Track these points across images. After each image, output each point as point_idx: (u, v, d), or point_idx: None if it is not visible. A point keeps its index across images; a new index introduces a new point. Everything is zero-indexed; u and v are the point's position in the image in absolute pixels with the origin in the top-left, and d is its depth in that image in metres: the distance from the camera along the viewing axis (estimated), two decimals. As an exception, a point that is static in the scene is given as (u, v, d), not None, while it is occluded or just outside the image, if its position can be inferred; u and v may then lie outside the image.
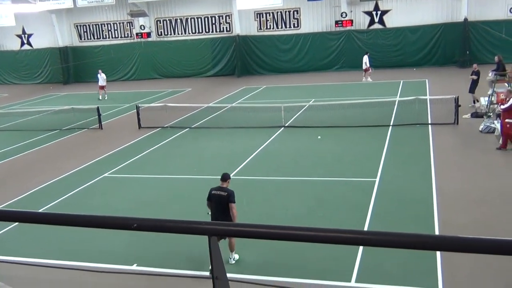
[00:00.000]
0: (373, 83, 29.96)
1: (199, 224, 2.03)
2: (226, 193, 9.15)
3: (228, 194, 9.14)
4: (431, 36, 34.53)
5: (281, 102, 22.11)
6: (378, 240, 1.86)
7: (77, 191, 14.39)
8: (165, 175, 15.28)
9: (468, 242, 1.76)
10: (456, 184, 12.75)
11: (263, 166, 15.51)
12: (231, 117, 22.21)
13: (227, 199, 9.08)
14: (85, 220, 2.29)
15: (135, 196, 13.63)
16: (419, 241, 1.82)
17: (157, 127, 21.79)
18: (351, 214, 11.35)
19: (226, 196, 9.11)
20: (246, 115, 21.92)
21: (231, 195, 9.12)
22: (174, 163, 16.51)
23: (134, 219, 2.11)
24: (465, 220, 10.64)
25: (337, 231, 1.88)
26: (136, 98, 30.06)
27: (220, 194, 9.20)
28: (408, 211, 11.28)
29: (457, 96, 18.75)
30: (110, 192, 14.19)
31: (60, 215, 2.32)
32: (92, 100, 30.96)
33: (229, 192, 9.18)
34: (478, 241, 1.75)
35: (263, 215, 11.63)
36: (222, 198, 9.12)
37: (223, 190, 9.25)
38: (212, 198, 9.27)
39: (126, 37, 41.19)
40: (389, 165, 14.61)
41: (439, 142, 16.58)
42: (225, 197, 9.11)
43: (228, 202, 9.07)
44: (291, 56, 37.35)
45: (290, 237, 1.94)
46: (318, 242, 1.92)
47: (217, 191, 9.29)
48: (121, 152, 18.46)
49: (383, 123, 19.27)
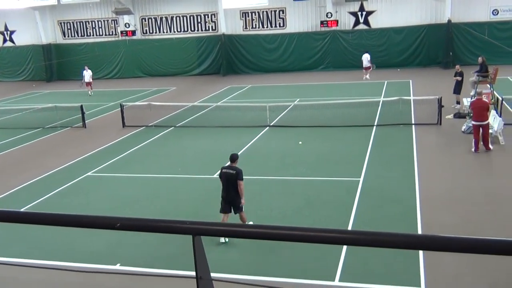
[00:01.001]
0: (360, 83, 30.13)
1: (183, 223, 2.02)
2: (235, 171, 10.27)
3: (237, 172, 10.26)
4: (415, 37, 34.84)
5: (266, 102, 22.13)
6: (363, 239, 1.87)
7: (59, 190, 14.25)
8: (149, 174, 15.20)
9: (450, 242, 1.78)
10: (439, 184, 12.88)
11: (248, 166, 15.47)
12: (216, 116, 22.18)
13: (235, 176, 10.20)
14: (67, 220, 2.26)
15: (118, 195, 13.54)
16: (402, 240, 1.83)
17: (141, 126, 21.66)
18: (335, 213, 11.40)
19: (235, 174, 10.23)
20: (231, 114, 21.91)
21: (239, 173, 10.23)
22: (158, 162, 16.43)
23: (117, 218, 2.09)
24: (447, 220, 10.75)
25: (323, 231, 1.89)
26: (120, 96, 29.85)
27: (229, 172, 10.31)
28: (391, 211, 11.37)
29: (440, 97, 18.94)
30: (93, 191, 14.08)
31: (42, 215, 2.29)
32: (75, 98, 30.66)
33: (237, 170, 10.29)
34: (460, 240, 1.76)
35: (248, 215, 11.62)
36: (231, 176, 10.24)
37: (232, 168, 10.38)
38: (222, 176, 10.41)
39: (111, 35, 40.88)
40: (373, 164, 14.71)
41: (422, 142, 16.73)
42: (233, 175, 10.23)
43: (236, 179, 10.19)
44: (276, 56, 37.40)
45: (276, 236, 1.94)
46: (304, 241, 1.93)
47: (226, 169, 10.43)
48: (105, 150, 18.32)
49: (367, 123, 19.39)
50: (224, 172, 10.40)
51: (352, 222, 10.83)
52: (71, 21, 41.52)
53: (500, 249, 1.71)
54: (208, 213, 11.85)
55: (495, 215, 10.93)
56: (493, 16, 33.73)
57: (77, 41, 41.59)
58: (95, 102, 28.88)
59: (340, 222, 10.87)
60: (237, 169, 10.32)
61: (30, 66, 42.47)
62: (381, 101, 22.42)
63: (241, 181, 10.20)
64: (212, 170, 15.07)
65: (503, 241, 1.69)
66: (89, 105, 26.20)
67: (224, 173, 10.40)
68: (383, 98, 23.30)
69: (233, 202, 10.38)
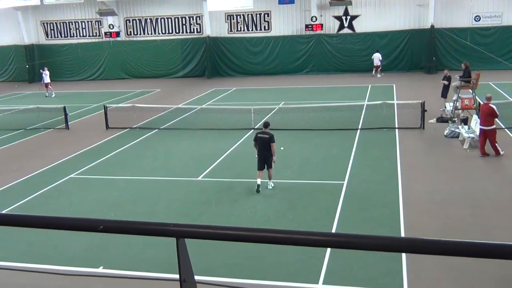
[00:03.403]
0: (344, 87, 30.30)
1: (167, 226, 2.01)
2: (268, 136, 12.90)
3: (270, 136, 12.88)
4: (399, 42, 35.19)
5: (251, 105, 22.16)
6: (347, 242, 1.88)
7: (41, 192, 14.10)
8: (133, 177, 15.11)
9: (433, 244, 1.80)
10: (422, 187, 13.01)
11: (232, 168, 15.50)
12: (200, 118, 22.14)
13: (269, 140, 12.85)
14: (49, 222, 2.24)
15: (101, 197, 13.43)
16: (385, 243, 1.84)
17: (125, 128, 21.53)
18: (319, 217, 11.44)
19: (268, 138, 12.87)
20: (216, 117, 21.88)
21: (272, 137, 12.89)
22: (141, 165, 16.34)
23: (100, 220, 2.08)
24: (430, 222, 10.86)
25: (306, 234, 1.90)
26: (104, 98, 29.65)
27: (263, 136, 12.94)
28: (375, 214, 11.44)
29: (423, 101, 19.14)
30: (75, 193, 13.94)
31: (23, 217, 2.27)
32: (58, 99, 30.36)
33: (270, 135, 12.93)
34: (442, 243, 1.78)
35: (231, 217, 11.62)
36: (265, 140, 12.89)
37: (265, 133, 12.98)
38: (257, 140, 13.03)
39: (95, 36, 40.58)
40: (357, 168, 14.80)
41: (406, 146, 16.88)
42: (267, 138, 12.88)
43: (269, 142, 12.82)
44: (261, 59, 37.47)
45: (260, 239, 1.95)
46: (287, 244, 1.93)
47: (261, 134, 13.03)
48: (88, 153, 18.16)
49: (351, 126, 19.51)
50: (259, 137, 12.99)
51: (336, 225, 10.88)
52: (54, 21, 41.13)
53: (481, 252, 1.73)
54: (192, 216, 11.83)
55: (476, 218, 11.06)
56: (475, 22, 34.21)
57: (60, 42, 41.21)
58: (77, 103, 28.64)
59: (324, 225, 10.90)
60: (269, 133, 12.98)
61: (12, 67, 41.96)
62: (365, 105, 22.58)
63: (273, 144, 12.83)
64: (196, 172, 15.04)
65: (484, 244, 1.72)
66: (72, 106, 25.94)
67: (259, 137, 12.98)
68: (367, 102, 23.47)
69: (267, 160, 13.01)
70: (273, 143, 12.86)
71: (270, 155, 12.96)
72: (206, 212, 12.14)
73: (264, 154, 12.99)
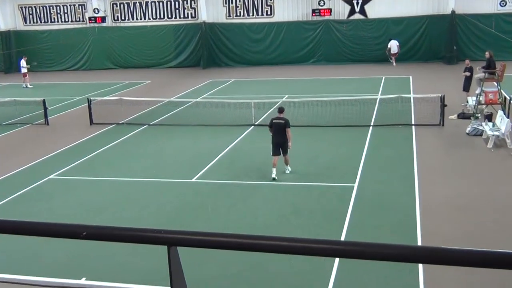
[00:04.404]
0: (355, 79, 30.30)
1: (157, 232, 2.00)
2: (283, 121, 14.14)
3: (285, 122, 14.12)
4: (416, 29, 35.14)
5: (251, 98, 22.16)
6: (357, 251, 1.88)
7: (18, 194, 14.10)
8: (120, 178, 15.12)
9: (453, 254, 1.79)
10: (441, 191, 13.01)
11: (230, 169, 15.50)
12: (195, 113, 22.14)
13: (284, 125, 14.07)
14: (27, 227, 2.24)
15: (85, 201, 13.44)
16: (400, 252, 1.84)
17: (111, 124, 21.55)
18: (327, 223, 11.45)
19: (283, 123, 14.10)
20: (212, 111, 21.89)
21: (287, 122, 14.13)
22: (130, 164, 16.35)
23: (83, 226, 2.08)
24: (450, 230, 10.86)
25: (312, 242, 1.89)
26: (88, 90, 29.64)
27: (279, 122, 14.17)
28: (388, 220, 11.45)
29: (443, 95, 19.12)
30: (56, 196, 13.96)
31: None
32: (37, 91, 30.36)
33: (285, 120, 14.17)
34: (463, 252, 1.78)
35: (229, 223, 11.63)
36: (280, 125, 14.11)
37: (281, 119, 14.23)
38: (273, 125, 14.25)
39: (78, 22, 40.56)
40: (368, 169, 14.80)
41: (423, 144, 16.88)
42: (282, 124, 14.11)
43: (284, 127, 14.02)
44: (263, 47, 37.43)
45: (261, 247, 1.94)
46: (291, 253, 1.93)
47: (276, 119, 14.24)
48: (70, 151, 18.18)
49: (363, 123, 19.51)
50: (274, 122, 14.21)
51: (345, 233, 10.89)
52: (33, 5, 41.11)
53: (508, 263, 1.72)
54: (186, 222, 11.84)
55: (501, 225, 11.06)
56: (501, 7, 34.17)
57: (39, 27, 41.19)
58: (58, 96, 28.65)
59: (331, 232, 10.91)
60: (285, 119, 14.19)
61: (-14, 55, 41.99)
62: (378, 98, 22.58)
63: (288, 129, 14.00)
64: (190, 173, 15.05)
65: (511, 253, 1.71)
66: (52, 99, 25.95)
67: (274, 123, 14.20)
68: (380, 96, 23.46)
69: (282, 146, 14.08)
70: (289, 128, 14.04)
71: (285, 140, 14.08)
72: (201, 217, 12.15)
73: (280, 139, 14.11)
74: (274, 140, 14.21)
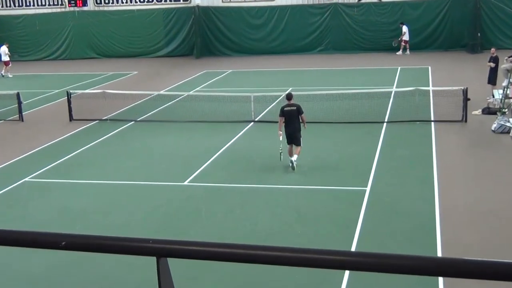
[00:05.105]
0: (367, 69, 30.31)
1: (145, 242, 2.01)
2: (295, 107, 14.87)
3: (297, 107, 14.88)
4: (435, 14, 35.09)
5: (251, 91, 22.14)
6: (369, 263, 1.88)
7: (-11, 199, 14.11)
8: (103, 181, 15.12)
9: (476, 266, 1.80)
10: (463, 195, 13.01)
11: (227, 171, 15.50)
12: (187, 108, 22.13)
13: (297, 111, 14.82)
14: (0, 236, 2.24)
15: (64, 206, 13.43)
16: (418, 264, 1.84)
17: (93, 120, 21.53)
18: (335, 231, 11.45)
19: (296, 109, 14.83)
20: (207, 106, 21.88)
21: (300, 108, 14.91)
22: (114, 166, 16.35)
23: (62, 235, 2.08)
24: (473, 239, 10.86)
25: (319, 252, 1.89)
26: (67, 82, 29.63)
27: (291, 109, 14.83)
28: (404, 227, 11.44)
29: (465, 88, 19.11)
30: (32, 201, 13.95)
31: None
32: (11, 83, 30.35)
33: (297, 106, 14.94)
34: (487, 264, 1.78)
35: (226, 232, 11.62)
36: (293, 112, 14.79)
37: (292, 105, 14.93)
38: (285, 113, 14.83)
39: (56, 5, 40.54)
40: (382, 171, 14.80)
41: (444, 143, 16.88)
42: (295, 110, 14.82)
43: (298, 113, 14.79)
44: (263, 34, 37.42)
45: (260, 259, 1.95)
46: (296, 265, 1.93)
47: (288, 107, 14.89)
48: (47, 150, 18.17)
49: (375, 119, 19.49)
50: (286, 110, 14.81)
51: (356, 242, 10.88)
52: (5, -14, 41.10)
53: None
54: (177, 230, 11.84)
55: (531, 234, 11.06)
56: (531, -11, 34.12)
57: (13, 12, 41.16)
58: (34, 89, 28.64)
59: (341, 241, 10.91)
60: (296, 105, 14.96)
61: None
62: (393, 92, 22.56)
63: (303, 114, 14.87)
64: (182, 175, 15.04)
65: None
66: (28, 92, 25.95)
67: (286, 111, 14.80)
68: (395, 89, 23.44)
69: (295, 134, 14.73)
70: (303, 113, 14.87)
71: (298, 129, 14.79)
72: (194, 225, 12.15)
73: (293, 128, 14.76)
74: (286, 129, 14.82)
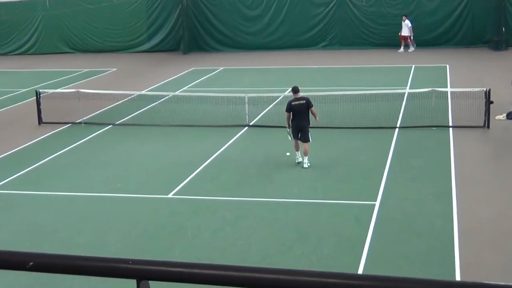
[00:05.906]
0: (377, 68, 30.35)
1: (124, 262, 2.01)
2: (304, 101, 15.67)
3: (306, 101, 15.70)
4: (455, 5, 35.19)
5: (245, 92, 22.14)
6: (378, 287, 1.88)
7: None
8: (76, 192, 15.08)
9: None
10: (485, 210, 13.02)
11: (217, 182, 15.48)
12: (173, 110, 22.11)
13: (307, 105, 15.59)
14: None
15: (31, 222, 13.39)
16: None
17: (65, 123, 21.50)
18: (340, 252, 11.46)
19: (305, 103, 15.61)
20: (195, 108, 21.86)
21: (309, 101, 15.77)
22: (89, 176, 16.31)
23: (30, 254, 2.08)
24: (495, 260, 10.87)
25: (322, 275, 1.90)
26: (36, 80, 29.61)
27: (299, 103, 15.56)
28: (418, 247, 11.45)
29: (488, 89, 19.15)
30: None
31: None
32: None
33: (306, 99, 15.78)
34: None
35: (215, 251, 11.61)
36: (302, 106, 15.55)
37: (300, 99, 15.71)
38: (293, 108, 15.60)
39: (24, -7, 40.59)
40: (394, 182, 14.81)
41: (463, 152, 16.89)
42: (304, 104, 15.60)
43: (308, 107, 15.59)
44: (260, 27, 37.48)
45: (255, 282, 1.95)
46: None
47: (296, 101, 15.66)
48: (12, 158, 18.14)
49: (386, 124, 19.50)
50: (295, 105, 15.56)
51: (363, 264, 10.88)
52: (-34, -29, 41.13)
53: None
54: (159, 249, 11.81)
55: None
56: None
57: (-25, 0, 41.19)
58: (0, 87, 28.65)
59: (347, 263, 10.92)
60: (305, 98, 15.81)
61: None
62: (406, 93, 22.59)
63: (312, 108, 15.63)
64: (166, 187, 15.01)
65: None
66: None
67: (295, 105, 15.55)
68: (409, 90, 23.48)
69: (304, 130, 15.47)
70: (312, 106, 15.66)
71: (307, 124, 15.57)
72: (178, 244, 12.12)
73: (300, 124, 15.54)
74: (294, 125, 15.64)
